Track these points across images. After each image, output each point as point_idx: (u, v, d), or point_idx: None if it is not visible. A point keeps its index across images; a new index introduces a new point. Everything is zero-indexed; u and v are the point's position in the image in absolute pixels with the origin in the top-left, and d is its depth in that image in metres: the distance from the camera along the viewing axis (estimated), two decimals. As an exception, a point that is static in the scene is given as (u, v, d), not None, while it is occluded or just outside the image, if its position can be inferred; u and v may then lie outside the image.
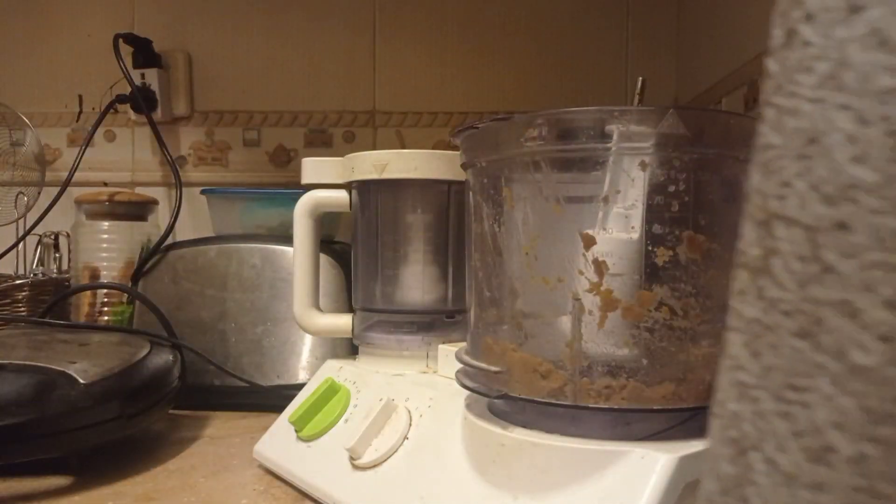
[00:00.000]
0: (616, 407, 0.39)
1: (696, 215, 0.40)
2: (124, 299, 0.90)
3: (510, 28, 1.07)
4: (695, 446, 0.38)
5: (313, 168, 0.64)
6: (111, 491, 0.56)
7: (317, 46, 1.07)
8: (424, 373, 0.58)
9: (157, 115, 1.06)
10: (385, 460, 0.49)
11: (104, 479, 0.58)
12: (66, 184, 1.01)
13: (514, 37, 1.07)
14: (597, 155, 0.40)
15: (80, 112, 1.11)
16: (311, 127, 1.09)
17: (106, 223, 0.92)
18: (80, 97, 1.11)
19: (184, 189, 1.02)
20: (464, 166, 0.48)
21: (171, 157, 1.04)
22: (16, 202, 1.03)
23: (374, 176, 0.59)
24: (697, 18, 0.94)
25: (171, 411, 0.68)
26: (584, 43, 1.05)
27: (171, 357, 0.70)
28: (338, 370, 0.61)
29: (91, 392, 0.58)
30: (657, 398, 0.39)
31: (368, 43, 1.08)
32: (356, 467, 0.50)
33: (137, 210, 0.96)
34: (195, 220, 1.08)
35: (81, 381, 0.58)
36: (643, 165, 0.39)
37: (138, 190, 1.08)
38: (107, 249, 0.91)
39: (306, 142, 1.09)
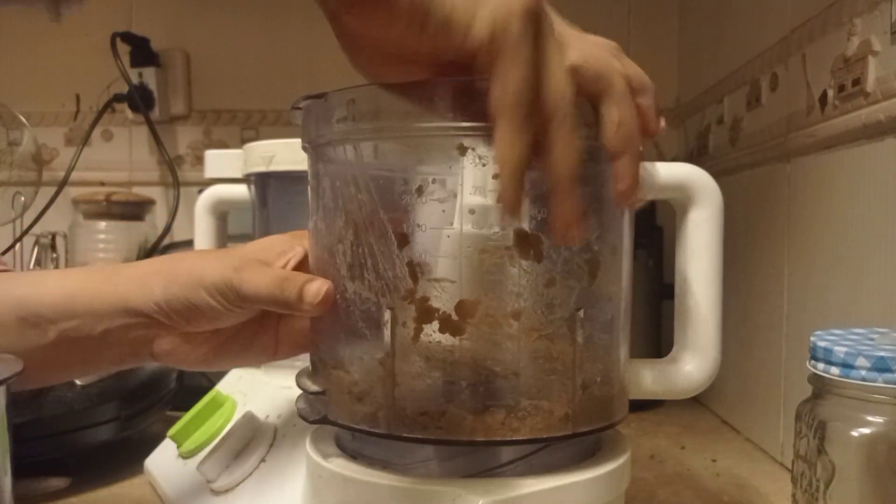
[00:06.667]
0: (432, 438, 0.33)
1: (536, 209, 0.33)
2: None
3: (510, 27, 1.07)
4: (527, 486, 0.33)
5: (215, 161, 0.60)
6: (108, 493, 0.55)
7: (315, 45, 1.07)
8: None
9: (155, 114, 1.05)
10: (238, 484, 0.45)
11: (101, 481, 0.57)
12: (63, 183, 1.00)
13: (514, 36, 1.06)
14: (411, 137, 0.34)
15: (78, 111, 1.10)
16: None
17: (103, 223, 0.91)
18: (78, 96, 1.10)
19: (181, 189, 1.01)
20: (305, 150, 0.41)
21: (168, 156, 1.04)
22: (12, 202, 1.03)
23: (262, 168, 0.54)
24: (699, 17, 0.94)
25: (168, 413, 0.67)
26: (584, 42, 1.05)
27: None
28: (237, 380, 0.57)
29: (88, 393, 0.58)
30: (481, 428, 0.33)
31: (367, 42, 1.07)
32: (212, 491, 0.46)
33: (135, 210, 0.95)
34: (193, 220, 1.07)
35: (78, 382, 0.58)
36: (461, 149, 0.32)
37: (136, 190, 1.08)
38: (104, 249, 0.91)
39: (305, 141, 1.09)
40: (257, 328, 0.41)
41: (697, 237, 0.40)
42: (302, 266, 0.40)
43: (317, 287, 0.36)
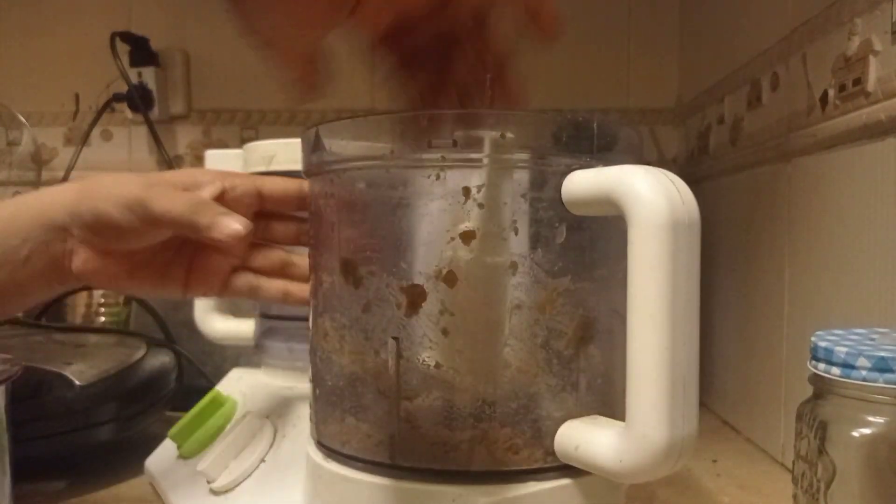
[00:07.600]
0: (425, 467, 0.34)
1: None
2: (121, 300, 0.89)
3: (509, 27, 1.07)
4: (528, 486, 0.33)
5: (215, 161, 0.60)
6: (107, 494, 0.55)
7: (315, 45, 1.06)
8: None
9: (155, 113, 1.05)
10: (238, 484, 0.45)
11: (100, 482, 0.57)
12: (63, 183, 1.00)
13: (514, 35, 1.06)
14: (396, 168, 0.35)
15: (77, 111, 1.10)
16: (310, 126, 1.08)
17: (103, 223, 0.91)
18: (77, 96, 1.10)
19: (181, 188, 1.01)
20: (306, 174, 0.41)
21: (168, 156, 1.04)
22: (12, 202, 1.03)
23: (262, 168, 0.54)
24: (700, 16, 0.94)
25: (167, 413, 0.67)
26: (585, 42, 1.05)
27: (167, 359, 0.69)
28: (237, 380, 0.57)
29: (87, 394, 0.58)
30: (482, 458, 0.33)
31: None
32: (212, 491, 0.46)
33: (134, 210, 0.95)
34: (193, 219, 1.07)
35: (77, 382, 0.58)
36: (466, 191, 0.33)
37: (135, 189, 1.07)
38: (103, 249, 0.91)
39: (304, 141, 1.08)
40: (171, 258, 0.43)
41: (633, 265, 0.29)
42: (218, 200, 0.41)
43: (232, 224, 0.38)
